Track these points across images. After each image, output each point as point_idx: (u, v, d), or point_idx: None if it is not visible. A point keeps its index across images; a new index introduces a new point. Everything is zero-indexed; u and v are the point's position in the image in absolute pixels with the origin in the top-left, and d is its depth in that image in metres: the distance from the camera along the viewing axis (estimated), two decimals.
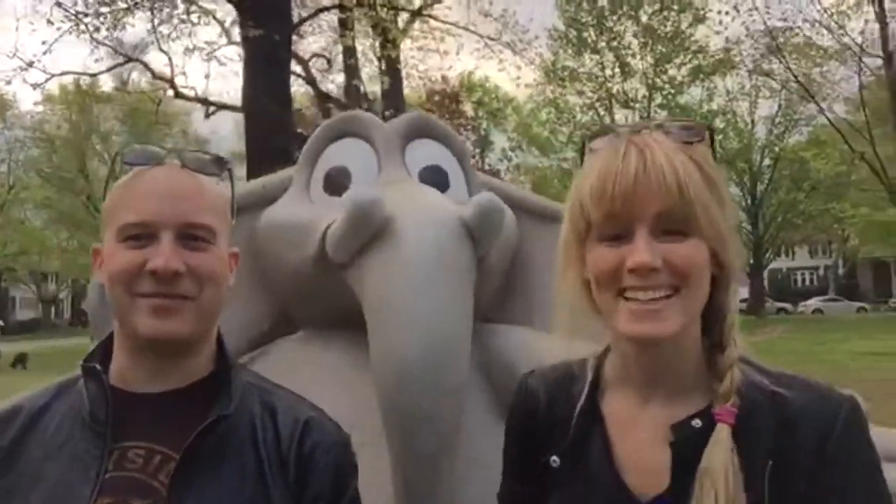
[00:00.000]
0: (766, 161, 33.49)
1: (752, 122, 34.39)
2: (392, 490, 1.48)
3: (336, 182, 1.83)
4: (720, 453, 0.82)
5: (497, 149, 38.00)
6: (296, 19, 11.22)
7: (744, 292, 43.82)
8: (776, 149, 32.42)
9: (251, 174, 8.58)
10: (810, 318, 36.82)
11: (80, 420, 1.02)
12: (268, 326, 1.94)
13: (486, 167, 36.74)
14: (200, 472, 0.97)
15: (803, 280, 54.06)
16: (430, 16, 14.41)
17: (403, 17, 13.92)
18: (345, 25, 11.60)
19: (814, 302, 42.51)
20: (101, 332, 1.85)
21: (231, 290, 1.09)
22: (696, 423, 0.88)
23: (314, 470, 1.01)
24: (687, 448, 0.86)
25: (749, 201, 34.51)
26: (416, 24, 14.48)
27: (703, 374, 0.92)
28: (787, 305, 43.18)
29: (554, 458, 0.95)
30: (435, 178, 1.85)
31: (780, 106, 31.98)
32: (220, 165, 1.10)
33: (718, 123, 30.88)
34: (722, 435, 0.84)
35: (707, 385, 0.90)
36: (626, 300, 0.86)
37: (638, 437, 0.92)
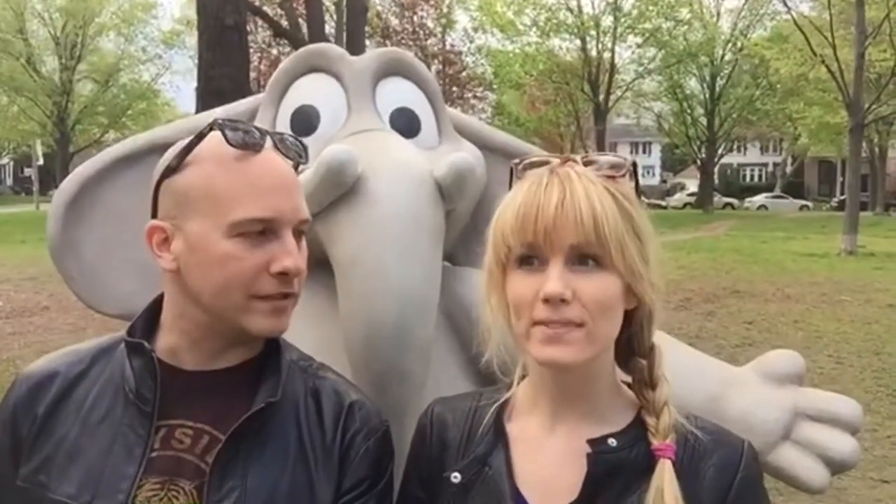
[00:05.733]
0: (728, 56, 33.28)
1: (718, 14, 33.91)
2: None
3: (304, 122, 1.77)
4: (669, 487, 0.87)
5: (459, 29, 36.90)
6: None
7: (693, 186, 44.66)
8: (738, 44, 32.16)
9: (202, 50, 8.22)
10: (755, 214, 37.89)
11: (121, 394, 0.98)
12: None
13: (449, 47, 35.78)
14: (243, 456, 0.95)
15: (752, 176, 55.20)
16: None
17: None
18: None
19: (759, 198, 43.69)
20: (62, 263, 1.84)
21: None
22: (612, 441, 0.92)
23: (356, 456, 1.00)
24: (601, 463, 0.91)
25: (707, 95, 34.53)
26: None
27: (614, 401, 0.97)
28: (734, 201, 44.27)
29: (455, 474, 0.98)
30: (406, 121, 1.80)
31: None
32: (306, 155, 1.06)
33: (684, 14, 30.38)
34: (666, 470, 0.88)
35: (618, 411, 0.96)
36: (538, 326, 0.89)
37: (543, 458, 0.96)
